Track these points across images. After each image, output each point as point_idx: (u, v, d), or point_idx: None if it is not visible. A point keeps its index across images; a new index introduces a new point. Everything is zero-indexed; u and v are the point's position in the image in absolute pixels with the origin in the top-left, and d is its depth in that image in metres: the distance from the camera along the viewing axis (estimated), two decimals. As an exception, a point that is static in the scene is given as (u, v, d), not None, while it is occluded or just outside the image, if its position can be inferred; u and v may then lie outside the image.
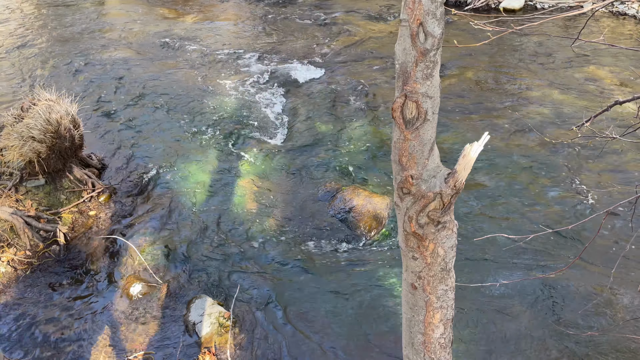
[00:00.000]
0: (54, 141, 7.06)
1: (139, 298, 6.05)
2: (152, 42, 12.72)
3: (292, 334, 5.59)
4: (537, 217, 6.86)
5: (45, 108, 6.93)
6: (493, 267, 6.11)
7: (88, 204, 7.52)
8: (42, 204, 7.28)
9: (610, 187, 7.06)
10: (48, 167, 7.20)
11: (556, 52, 11.40)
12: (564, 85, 10.03)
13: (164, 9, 15.01)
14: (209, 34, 13.17)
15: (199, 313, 5.71)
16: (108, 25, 13.85)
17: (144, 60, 11.73)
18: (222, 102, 9.97)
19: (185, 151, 8.58)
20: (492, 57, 11.42)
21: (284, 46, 12.41)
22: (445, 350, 3.03)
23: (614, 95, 9.49)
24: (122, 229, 7.13)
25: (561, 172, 7.66)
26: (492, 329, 5.44)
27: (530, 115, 9.11)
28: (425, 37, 2.41)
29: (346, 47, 12.23)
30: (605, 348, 5.07)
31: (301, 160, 8.36)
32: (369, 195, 7.26)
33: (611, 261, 5.76)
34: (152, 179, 8.00)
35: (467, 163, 2.63)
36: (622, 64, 10.71)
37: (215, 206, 7.47)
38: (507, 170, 7.76)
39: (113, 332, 5.73)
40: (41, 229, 6.93)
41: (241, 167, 8.20)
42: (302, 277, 6.28)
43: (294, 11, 14.67)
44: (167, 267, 6.47)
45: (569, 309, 5.44)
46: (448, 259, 2.84)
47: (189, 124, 9.28)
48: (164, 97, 10.16)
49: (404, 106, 2.57)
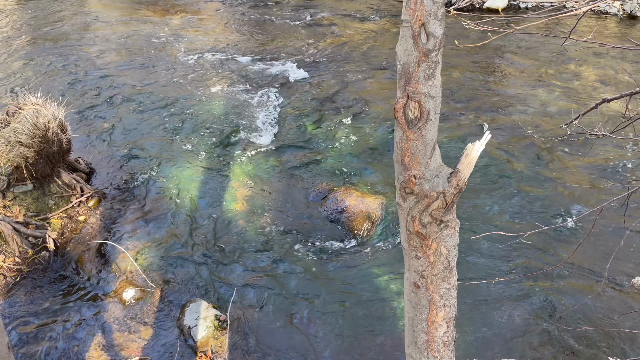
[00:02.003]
0: (42, 146, 6.96)
1: (133, 303, 5.99)
2: (137, 44, 12.60)
3: (289, 335, 5.58)
4: (530, 215, 6.94)
5: (32, 112, 6.83)
6: (488, 265, 6.16)
7: (77, 209, 7.42)
8: (30, 209, 7.17)
9: (601, 184, 7.16)
10: (36, 172, 7.09)
11: (540, 51, 11.54)
12: (550, 84, 10.15)
13: (148, 11, 14.88)
14: (194, 35, 13.09)
15: (194, 317, 5.67)
16: (91, 28, 13.69)
17: (130, 63, 11.62)
18: (210, 103, 9.92)
19: (174, 154, 8.51)
20: (476, 56, 11.53)
21: (270, 47, 12.39)
22: (448, 349, 3.05)
23: (598, 93, 9.64)
24: (113, 234, 7.05)
25: (552, 170, 7.75)
26: (487, 326, 5.49)
27: (517, 114, 9.20)
28: (427, 38, 2.43)
29: (333, 47, 12.24)
30: (600, 343, 5.14)
31: (292, 161, 8.35)
32: (361, 195, 7.28)
33: (605, 257, 5.85)
34: (141, 183, 7.93)
35: (470, 162, 2.66)
36: (606, 62, 10.88)
37: (207, 208, 7.43)
38: (497, 169, 7.84)
39: (107, 338, 5.67)
40: (30, 235, 6.82)
41: (231, 169, 8.17)
42: (297, 278, 6.27)
43: (279, 12, 14.65)
44: (160, 271, 6.42)
45: (564, 305, 5.51)
46: (451, 258, 2.86)
47: (177, 126, 9.21)
48: (150, 100, 10.07)
49: (406, 106, 2.58)
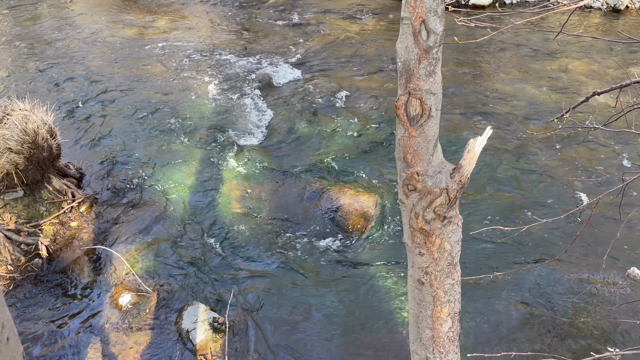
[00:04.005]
0: (32, 152, 6.87)
1: (129, 308, 5.93)
2: (124, 47, 12.49)
3: (287, 336, 5.57)
4: (527, 209, 6.99)
5: (21, 118, 6.74)
6: (487, 259, 6.20)
7: (69, 214, 7.34)
8: (21, 216, 7.08)
9: (596, 176, 7.24)
10: (26, 178, 7.00)
11: (525, 46, 11.62)
12: (537, 79, 10.24)
13: (133, 14, 14.76)
14: (181, 37, 13.01)
15: (192, 320, 5.64)
16: (76, 32, 13.54)
17: (117, 66, 11.51)
18: (200, 105, 9.87)
19: (165, 156, 8.46)
20: (463, 53, 11.58)
21: (258, 48, 12.35)
22: (453, 344, 3.06)
23: (586, 87, 9.73)
24: (106, 239, 6.99)
25: (545, 164, 7.82)
26: (485, 320, 5.52)
27: (507, 109, 9.27)
28: (428, 35, 2.43)
29: (321, 46, 12.24)
30: (598, 333, 5.20)
31: (284, 161, 8.34)
32: (355, 193, 7.28)
33: (602, 249, 5.91)
34: (133, 186, 7.87)
35: (472, 158, 2.67)
36: (591, 56, 10.99)
37: (200, 211, 7.39)
38: (490, 164, 7.88)
39: (104, 344, 5.61)
40: (22, 243, 6.73)
41: (223, 170, 8.13)
42: (294, 278, 6.26)
43: (265, 12, 14.61)
44: (156, 275, 6.37)
45: (563, 297, 5.56)
46: (454, 254, 2.87)
47: (167, 128, 9.15)
48: (138, 103, 9.99)
49: (407, 104, 2.58)
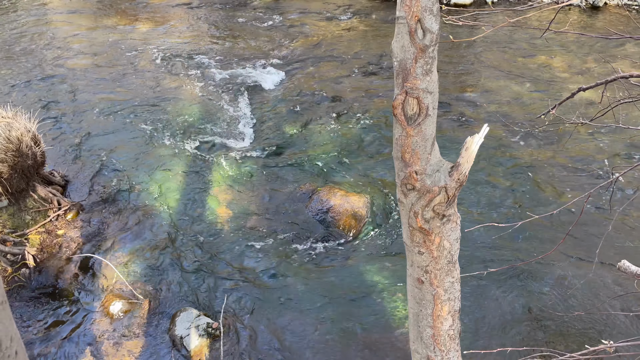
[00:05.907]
0: (16, 160, 6.75)
1: (121, 316, 5.85)
2: (106, 52, 12.34)
3: (283, 338, 5.54)
4: (519, 205, 7.05)
5: (4, 126, 6.61)
6: (480, 256, 6.24)
7: (55, 223, 7.22)
8: (6, 226, 6.95)
9: (584, 172, 7.33)
10: (11, 187, 6.86)
11: (507, 44, 11.74)
12: (521, 76, 10.34)
13: (115, 19, 14.59)
14: (164, 40, 12.89)
15: (185, 326, 5.58)
16: (58, 38, 13.34)
17: (100, 71, 11.36)
18: (185, 109, 9.78)
19: (151, 161, 8.36)
20: (447, 51, 11.66)
21: (242, 50, 12.29)
22: (454, 342, 3.07)
23: (570, 83, 9.86)
24: (94, 246, 6.88)
25: (534, 160, 7.89)
26: (480, 316, 5.55)
27: (493, 107, 9.35)
28: (424, 34, 2.43)
29: (306, 48, 12.22)
30: (592, 326, 5.26)
31: (272, 163, 8.30)
32: (345, 194, 7.28)
33: (594, 242, 5.98)
34: (119, 192, 7.77)
35: (470, 155, 2.68)
36: (573, 53, 11.14)
37: (189, 215, 7.32)
38: (480, 162, 7.94)
39: (95, 354, 5.53)
40: (8, 253, 6.60)
41: (211, 174, 8.07)
42: (286, 280, 6.23)
43: (249, 14, 14.54)
44: (147, 282, 6.30)
45: (556, 292, 5.62)
46: (454, 251, 2.88)
47: (152, 133, 9.05)
48: (122, 108, 9.87)
49: (404, 103, 2.58)
